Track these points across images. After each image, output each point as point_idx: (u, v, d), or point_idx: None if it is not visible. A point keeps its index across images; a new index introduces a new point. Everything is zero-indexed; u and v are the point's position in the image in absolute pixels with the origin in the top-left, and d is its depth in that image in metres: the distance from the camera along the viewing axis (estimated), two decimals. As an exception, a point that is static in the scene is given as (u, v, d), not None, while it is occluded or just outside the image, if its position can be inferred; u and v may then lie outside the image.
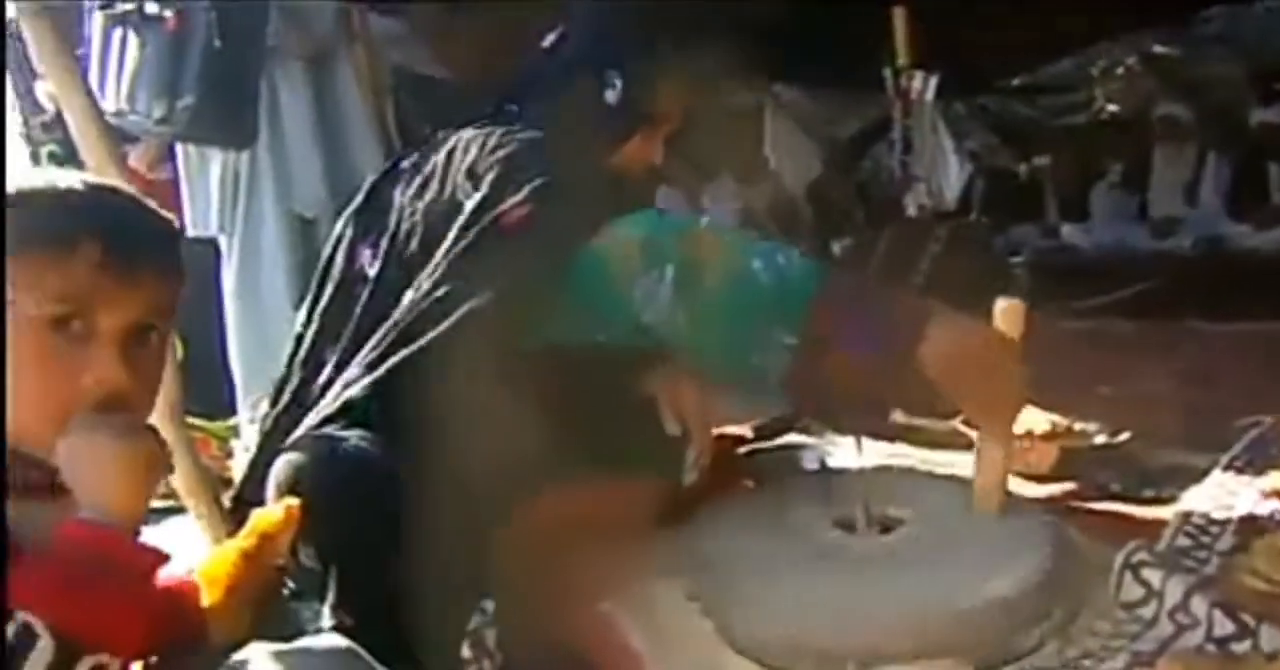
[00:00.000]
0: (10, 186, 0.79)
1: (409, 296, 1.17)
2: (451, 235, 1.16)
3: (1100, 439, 1.55)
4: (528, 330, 1.14)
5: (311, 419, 1.18)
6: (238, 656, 0.83)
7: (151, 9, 1.84)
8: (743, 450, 1.52)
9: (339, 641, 0.89)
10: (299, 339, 1.33)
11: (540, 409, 1.07)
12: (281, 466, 1.13)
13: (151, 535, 0.81)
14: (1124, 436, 1.54)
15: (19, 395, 0.76)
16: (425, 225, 1.22)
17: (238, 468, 2.01)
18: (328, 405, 1.17)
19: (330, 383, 1.22)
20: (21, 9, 1.46)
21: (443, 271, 1.14)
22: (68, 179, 0.82)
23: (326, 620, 1.06)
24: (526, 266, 1.12)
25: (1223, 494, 1.28)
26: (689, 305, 1.07)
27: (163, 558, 0.78)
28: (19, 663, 0.67)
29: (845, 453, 1.41)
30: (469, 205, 1.17)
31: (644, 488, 1.22)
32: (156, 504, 1.15)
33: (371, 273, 1.26)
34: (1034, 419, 1.54)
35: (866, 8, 3.08)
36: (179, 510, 1.75)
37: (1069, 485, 1.43)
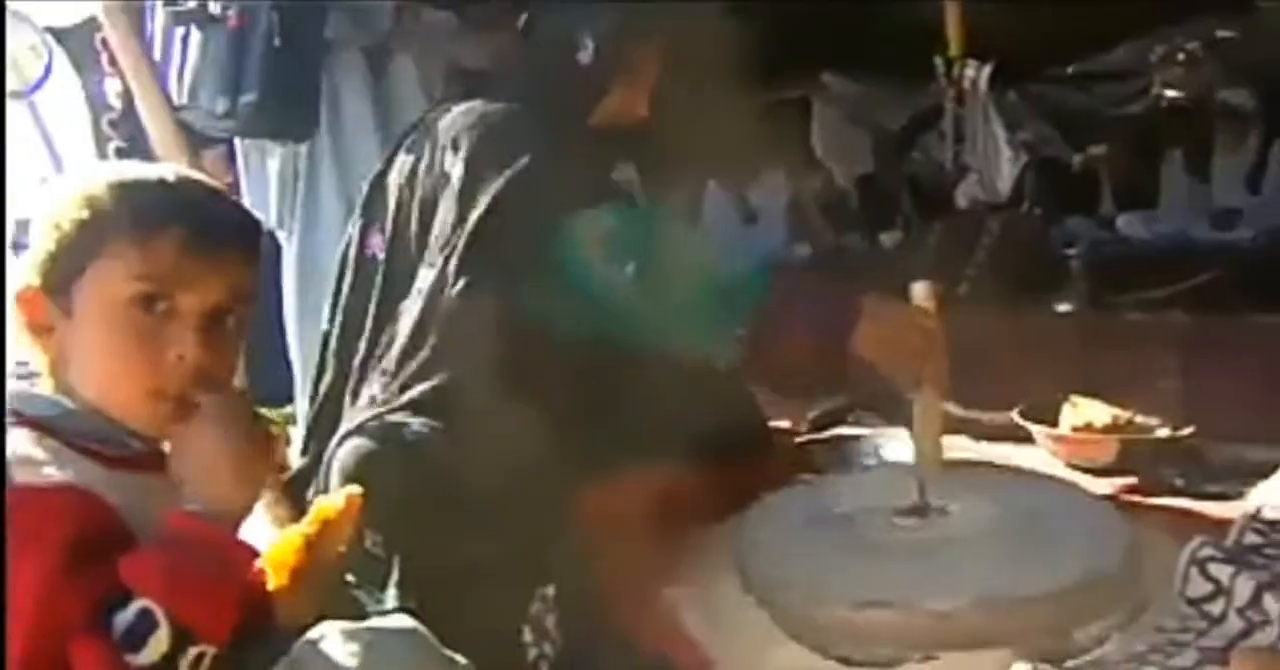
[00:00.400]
0: (107, 176, 0.84)
1: (421, 281, 1.20)
2: (448, 215, 1.20)
3: (1162, 433, 1.52)
4: (541, 313, 1.16)
5: (364, 415, 1.20)
6: (311, 635, 0.86)
7: (214, 8, 1.88)
8: (797, 441, 1.53)
9: (408, 622, 0.91)
10: (325, 337, 1.37)
11: (603, 398, 1.09)
12: (346, 453, 1.16)
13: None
14: (1186, 431, 1.51)
15: (111, 372, 0.81)
16: (420, 202, 1.26)
17: (294, 455, 2.06)
18: (384, 402, 1.20)
19: (363, 377, 1.25)
20: (107, 7, 1.50)
21: (457, 260, 1.18)
22: (158, 170, 0.89)
23: (390, 602, 1.08)
24: (521, 243, 1.16)
25: (1292, 491, 1.25)
26: (648, 301, 1.15)
27: (257, 553, 0.83)
28: (139, 647, 0.71)
29: (899, 444, 1.41)
30: (454, 176, 1.22)
31: (703, 477, 1.23)
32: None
33: (381, 256, 1.29)
34: (1094, 411, 1.52)
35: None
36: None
37: (1130, 479, 1.41)
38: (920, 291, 1.22)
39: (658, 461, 1.18)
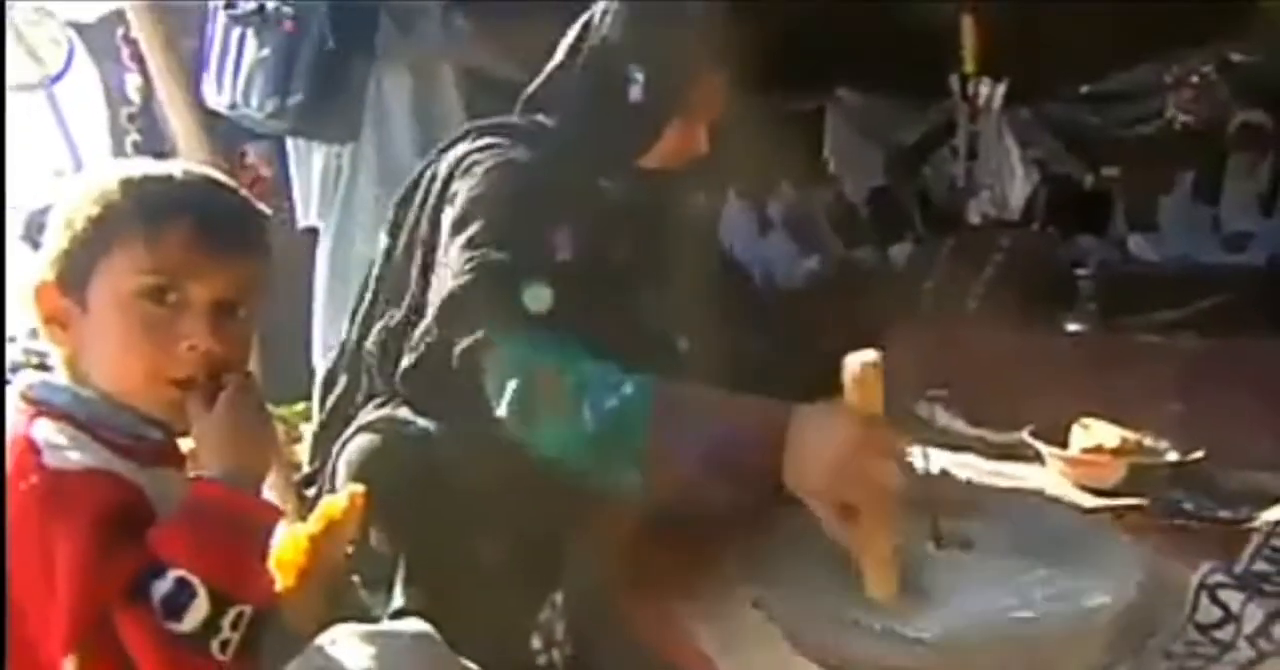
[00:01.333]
0: (116, 174, 0.86)
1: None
2: (435, 259, 1.16)
3: (1172, 457, 1.52)
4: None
5: (372, 415, 1.20)
6: (323, 638, 0.86)
7: (270, 10, 1.93)
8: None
9: (420, 625, 0.91)
10: (343, 346, 1.35)
11: None
12: (351, 449, 1.16)
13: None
14: (1196, 455, 1.51)
15: (126, 363, 0.83)
16: (423, 241, 1.22)
17: (304, 451, 2.05)
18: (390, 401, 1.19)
19: (373, 391, 1.25)
20: (135, 7, 1.52)
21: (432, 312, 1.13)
22: (167, 167, 0.89)
23: (396, 602, 1.08)
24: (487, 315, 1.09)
25: (1303, 518, 1.25)
26: (521, 432, 1.03)
27: (280, 512, 0.85)
28: (180, 616, 0.73)
29: (915, 460, 1.40)
30: (445, 228, 1.16)
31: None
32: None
33: (392, 283, 1.27)
34: (1104, 433, 1.52)
35: (931, 13, 3.04)
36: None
37: (1139, 503, 1.40)
38: (861, 370, 0.91)
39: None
